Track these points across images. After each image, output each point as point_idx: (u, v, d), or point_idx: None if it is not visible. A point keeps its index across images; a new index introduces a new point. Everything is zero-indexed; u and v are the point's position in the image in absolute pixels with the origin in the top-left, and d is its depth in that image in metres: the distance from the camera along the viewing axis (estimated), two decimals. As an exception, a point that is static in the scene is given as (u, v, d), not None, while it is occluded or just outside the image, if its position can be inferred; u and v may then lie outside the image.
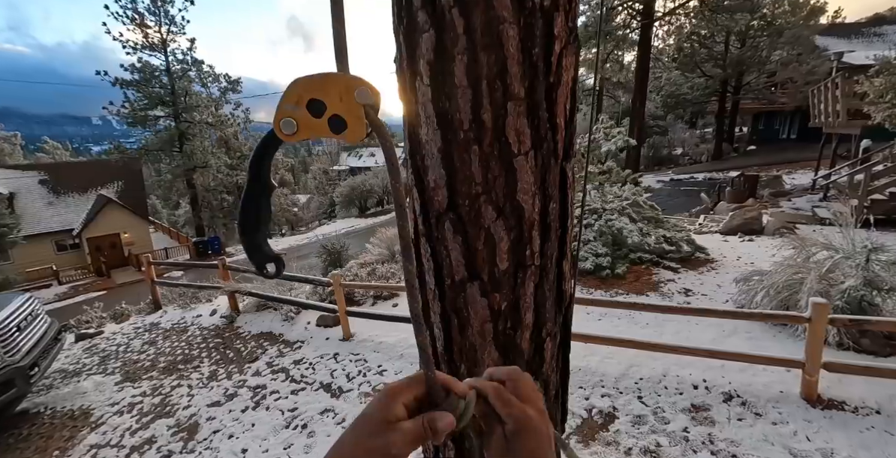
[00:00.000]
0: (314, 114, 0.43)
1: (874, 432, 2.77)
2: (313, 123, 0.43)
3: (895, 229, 7.04)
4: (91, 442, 3.81)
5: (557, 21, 0.86)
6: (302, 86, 0.43)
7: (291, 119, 0.43)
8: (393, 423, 0.41)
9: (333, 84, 0.43)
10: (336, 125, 0.44)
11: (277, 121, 0.42)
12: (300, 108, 0.43)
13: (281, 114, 0.42)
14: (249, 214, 0.47)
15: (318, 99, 0.43)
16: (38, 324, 4.72)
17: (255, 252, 0.48)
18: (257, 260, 0.48)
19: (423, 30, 0.85)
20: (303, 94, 0.43)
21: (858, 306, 3.72)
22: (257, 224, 0.47)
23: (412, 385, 0.45)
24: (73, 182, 23.19)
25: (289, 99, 0.43)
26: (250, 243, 0.47)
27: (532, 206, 0.93)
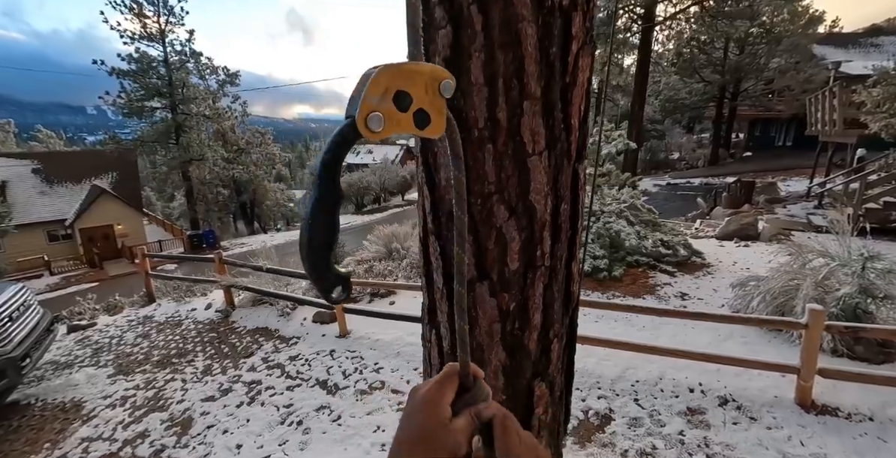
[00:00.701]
0: (400, 107, 0.39)
1: (867, 438, 2.79)
2: (399, 118, 0.39)
3: (888, 237, 7.12)
4: (82, 435, 3.77)
5: (576, 21, 0.85)
6: (389, 75, 0.38)
7: (380, 114, 0.37)
8: (448, 426, 0.43)
9: (422, 75, 0.40)
10: (420, 120, 0.41)
11: (364, 115, 0.36)
12: (386, 100, 0.38)
13: (368, 107, 0.37)
14: (320, 229, 0.38)
15: (404, 91, 0.39)
16: (31, 315, 4.67)
17: (325, 274, 0.39)
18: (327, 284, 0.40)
19: (439, 26, 0.84)
20: (390, 85, 0.38)
21: (853, 314, 3.75)
22: (330, 242, 0.39)
23: (446, 385, 0.46)
24: (66, 172, 22.96)
25: (375, 91, 0.37)
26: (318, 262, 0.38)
27: (544, 206, 0.92)
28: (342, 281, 0.40)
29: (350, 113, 0.37)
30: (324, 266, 0.39)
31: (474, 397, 0.47)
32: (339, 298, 0.41)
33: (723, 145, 26.34)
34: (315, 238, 0.38)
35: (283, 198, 32.22)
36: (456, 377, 0.47)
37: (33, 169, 22.68)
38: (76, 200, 22.12)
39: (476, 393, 0.47)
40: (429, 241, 1.02)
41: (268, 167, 30.65)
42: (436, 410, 0.43)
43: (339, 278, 0.40)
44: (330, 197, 0.37)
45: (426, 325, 1.18)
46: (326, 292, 0.40)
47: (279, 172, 34.85)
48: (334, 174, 0.37)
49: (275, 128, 35.39)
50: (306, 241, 0.38)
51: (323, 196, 0.37)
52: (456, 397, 0.46)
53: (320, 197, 0.37)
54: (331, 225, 0.38)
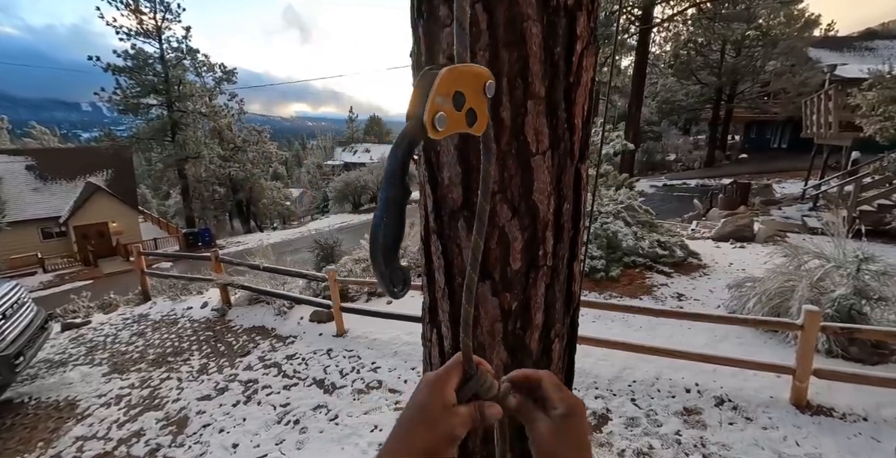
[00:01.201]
0: (456, 107, 0.41)
1: (861, 438, 2.82)
2: (456, 117, 0.41)
3: (882, 239, 7.18)
4: (77, 434, 3.74)
5: (580, 21, 0.85)
6: (452, 77, 0.39)
7: (444, 113, 0.39)
8: (450, 409, 0.46)
9: (472, 76, 0.42)
10: (470, 119, 0.42)
11: (431, 115, 0.38)
12: (448, 101, 0.40)
13: (435, 108, 0.38)
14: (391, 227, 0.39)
15: (461, 91, 0.41)
16: (24, 312, 4.63)
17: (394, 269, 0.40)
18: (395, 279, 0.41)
19: (444, 24, 0.84)
20: (451, 86, 0.39)
21: (848, 315, 3.78)
22: (397, 239, 0.40)
23: (453, 371, 0.49)
24: (60, 169, 22.74)
25: (441, 91, 0.38)
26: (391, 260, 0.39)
27: (547, 206, 0.92)
28: (405, 276, 0.42)
29: (416, 113, 0.38)
30: (394, 262, 0.40)
31: (476, 385, 0.50)
32: (400, 293, 0.42)
33: (719, 147, 26.47)
34: (387, 235, 0.39)
35: (280, 196, 32.10)
36: (459, 365, 0.49)
37: (27, 166, 22.46)
38: (70, 197, 21.93)
39: (478, 381, 0.50)
40: (430, 240, 1.02)
41: (264, 165, 30.54)
42: (439, 393, 0.46)
43: (402, 273, 0.41)
44: (400, 196, 0.39)
45: (427, 324, 1.18)
46: (392, 285, 0.41)
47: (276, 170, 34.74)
48: (404, 174, 0.39)
49: (271, 126, 35.27)
50: (380, 238, 0.39)
51: (396, 195, 0.39)
52: (460, 384, 0.49)
53: (393, 196, 0.39)
54: (400, 222, 0.40)
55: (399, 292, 0.41)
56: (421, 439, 0.44)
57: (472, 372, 0.50)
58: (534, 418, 0.48)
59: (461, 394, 0.48)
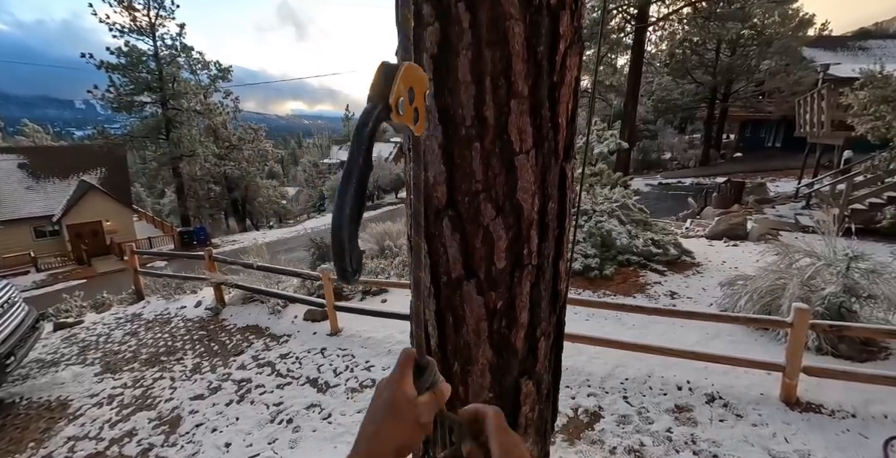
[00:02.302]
0: (409, 100, 0.44)
1: (849, 434, 2.85)
2: (408, 109, 0.44)
3: (873, 238, 7.25)
4: (68, 434, 3.72)
5: (563, 20, 0.85)
6: (410, 72, 0.43)
7: (404, 100, 0.42)
8: (413, 400, 0.50)
9: (422, 79, 0.46)
10: (414, 116, 0.46)
11: (396, 97, 0.41)
12: (406, 91, 0.43)
13: (398, 93, 0.41)
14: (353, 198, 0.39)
15: (413, 88, 0.44)
16: (15, 312, 4.59)
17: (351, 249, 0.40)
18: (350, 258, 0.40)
19: (427, 23, 0.84)
20: (408, 80, 0.43)
21: (838, 313, 3.81)
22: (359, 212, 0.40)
23: (405, 369, 0.53)
24: (54, 167, 22.53)
25: (404, 80, 0.42)
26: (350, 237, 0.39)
27: (531, 205, 0.92)
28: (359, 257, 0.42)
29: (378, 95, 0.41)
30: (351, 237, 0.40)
31: (430, 376, 0.54)
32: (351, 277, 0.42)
33: (714, 146, 26.61)
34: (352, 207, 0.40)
35: (276, 195, 31.96)
36: (412, 360, 0.54)
37: (19, 164, 22.23)
38: (64, 195, 21.73)
39: (430, 372, 0.54)
40: (417, 239, 1.02)
41: (260, 164, 30.39)
42: (400, 387, 0.50)
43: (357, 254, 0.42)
44: (364, 170, 0.40)
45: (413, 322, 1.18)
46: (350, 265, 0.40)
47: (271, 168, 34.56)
48: (369, 151, 0.41)
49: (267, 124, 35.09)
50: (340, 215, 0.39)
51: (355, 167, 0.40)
52: (415, 378, 0.53)
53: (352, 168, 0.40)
54: (362, 195, 0.41)
55: (352, 277, 0.41)
56: (393, 432, 0.48)
57: (425, 364, 0.54)
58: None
59: (419, 386, 0.52)
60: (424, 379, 0.53)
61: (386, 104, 0.41)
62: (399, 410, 0.49)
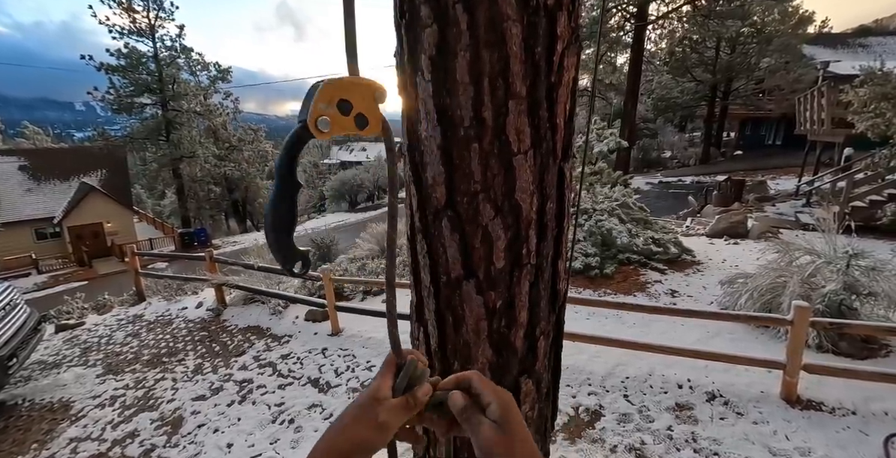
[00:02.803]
0: (343, 112, 0.48)
1: (850, 432, 2.85)
2: (342, 121, 0.48)
3: (874, 235, 7.25)
4: (71, 435, 3.73)
5: (560, 20, 0.85)
6: (334, 87, 0.47)
7: (326, 117, 0.46)
8: (381, 400, 0.50)
9: (360, 86, 0.50)
10: (360, 123, 0.50)
11: (314, 119, 0.45)
12: (332, 107, 0.47)
13: (317, 113, 0.45)
14: (282, 217, 0.47)
15: (346, 99, 0.48)
16: (17, 314, 4.60)
17: (285, 250, 0.48)
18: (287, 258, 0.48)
19: (425, 24, 0.84)
20: (334, 94, 0.47)
21: (838, 310, 3.81)
22: (291, 226, 0.48)
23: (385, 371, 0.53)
24: (54, 169, 22.56)
25: (322, 98, 0.46)
26: (281, 242, 0.48)
27: (530, 205, 0.93)
28: (302, 258, 0.49)
29: (302, 117, 0.46)
30: (286, 244, 0.48)
31: (408, 372, 0.53)
32: (300, 272, 0.50)
33: (714, 144, 26.59)
34: (277, 221, 0.47)
35: (276, 195, 31.92)
36: (392, 364, 0.54)
37: (20, 166, 22.26)
38: (64, 197, 21.75)
39: (408, 369, 0.53)
40: (416, 239, 1.03)
41: (260, 165, 30.40)
42: (373, 390, 0.51)
43: (299, 255, 0.49)
44: (289, 186, 0.47)
45: (414, 323, 1.19)
46: (287, 263, 0.48)
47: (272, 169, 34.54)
48: (292, 168, 0.47)
49: (267, 125, 35.09)
50: (270, 223, 0.47)
51: (283, 186, 0.47)
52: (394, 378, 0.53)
53: (280, 187, 0.47)
54: (291, 210, 0.47)
55: (297, 271, 0.49)
56: (352, 432, 0.48)
57: (402, 362, 0.55)
58: (476, 422, 0.50)
59: (397, 385, 0.52)
60: (400, 380, 0.53)
61: (304, 126, 0.45)
62: (363, 409, 0.49)
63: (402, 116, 0.97)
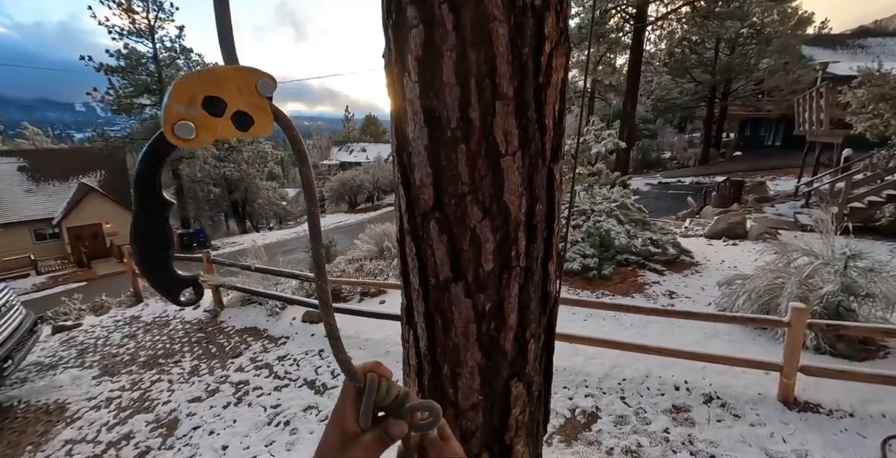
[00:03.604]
0: (213, 113, 0.39)
1: (847, 434, 2.84)
2: (214, 123, 0.39)
3: (872, 236, 7.25)
4: (66, 437, 3.72)
5: (548, 21, 0.85)
6: (193, 84, 0.38)
7: (188, 122, 0.37)
8: (353, 440, 0.44)
9: (230, 78, 0.40)
10: (241, 122, 0.41)
11: (170, 125, 0.37)
12: (194, 108, 0.38)
13: (173, 117, 0.37)
14: (151, 241, 0.39)
15: (215, 96, 0.39)
16: (13, 315, 4.59)
17: (167, 282, 0.40)
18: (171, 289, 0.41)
19: (412, 25, 0.83)
20: (196, 92, 0.38)
21: (836, 312, 3.80)
22: (165, 250, 0.40)
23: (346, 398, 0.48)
24: (53, 170, 22.55)
25: (178, 99, 0.37)
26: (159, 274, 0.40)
27: (518, 207, 0.92)
28: (189, 284, 0.41)
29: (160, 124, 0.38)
30: (163, 271, 0.40)
31: (371, 395, 0.47)
32: (189, 300, 0.42)
33: (713, 145, 26.62)
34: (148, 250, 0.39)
35: (276, 196, 31.97)
36: (352, 391, 0.48)
37: (19, 167, 22.25)
38: (63, 198, 21.75)
39: (370, 391, 0.47)
40: (405, 241, 1.02)
41: (260, 165, 30.39)
42: (338, 426, 0.45)
43: (184, 282, 0.41)
44: (153, 207, 0.38)
45: (404, 325, 1.18)
46: (173, 295, 0.41)
47: (271, 170, 34.56)
48: (153, 186, 0.38)
49: (266, 126, 34.87)
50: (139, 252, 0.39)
51: (145, 208, 0.38)
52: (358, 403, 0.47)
53: (142, 210, 0.38)
54: (162, 233, 0.39)
55: (187, 299, 0.41)
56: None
57: (361, 385, 0.48)
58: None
59: (364, 411, 0.46)
60: (364, 408, 0.47)
61: (161, 134, 0.37)
62: (332, 448, 0.44)
63: (391, 117, 0.96)
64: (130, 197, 6.64)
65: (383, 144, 44.22)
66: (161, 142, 0.37)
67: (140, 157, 0.38)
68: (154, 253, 0.39)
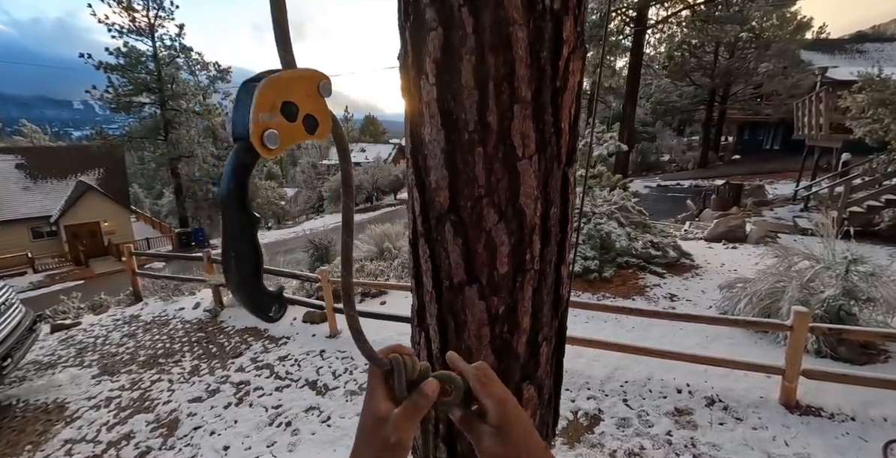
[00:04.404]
0: (289, 118, 0.38)
1: (849, 438, 2.85)
2: (291, 129, 0.38)
3: (871, 240, 7.27)
4: (65, 437, 3.70)
5: (566, 25, 0.85)
6: (272, 90, 0.37)
7: (273, 130, 0.36)
8: (384, 419, 0.46)
9: (302, 81, 0.39)
10: (310, 125, 0.40)
11: (258, 135, 0.35)
12: (276, 114, 0.37)
13: (260, 126, 0.35)
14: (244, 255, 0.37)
15: (290, 101, 0.38)
16: (12, 313, 4.56)
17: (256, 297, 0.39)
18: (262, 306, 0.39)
19: (430, 27, 0.83)
20: (275, 99, 0.37)
21: (837, 316, 3.82)
22: (257, 265, 0.38)
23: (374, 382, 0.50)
24: (51, 167, 22.48)
25: (262, 107, 0.36)
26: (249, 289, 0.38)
27: (534, 210, 0.92)
28: (276, 299, 0.41)
29: (239, 133, 0.35)
30: (255, 289, 0.38)
31: (399, 372, 0.49)
32: (276, 316, 0.42)
33: (712, 148, 26.69)
34: (242, 268, 0.37)
35: (275, 196, 31.92)
36: (378, 374, 0.51)
37: (17, 164, 22.17)
38: (61, 196, 21.67)
39: (398, 368, 0.49)
40: (418, 243, 1.02)
41: (258, 165, 30.34)
42: (369, 409, 0.48)
43: (273, 298, 0.41)
44: (243, 222, 0.36)
45: (415, 327, 1.17)
46: (265, 313, 0.40)
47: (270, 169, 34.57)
48: (244, 201, 0.36)
49: (266, 125, 34.83)
50: (233, 269, 0.37)
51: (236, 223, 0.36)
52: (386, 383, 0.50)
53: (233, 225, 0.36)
54: (253, 250, 0.37)
55: (275, 316, 0.41)
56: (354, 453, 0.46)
57: (387, 366, 0.50)
58: (477, 433, 0.48)
59: (398, 389, 0.49)
60: (398, 386, 0.49)
61: (248, 145, 0.35)
62: (369, 433, 0.47)
63: (406, 119, 0.96)
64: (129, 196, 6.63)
65: (382, 144, 44.23)
66: (248, 154, 0.35)
67: (227, 173, 0.35)
68: (248, 273, 0.37)
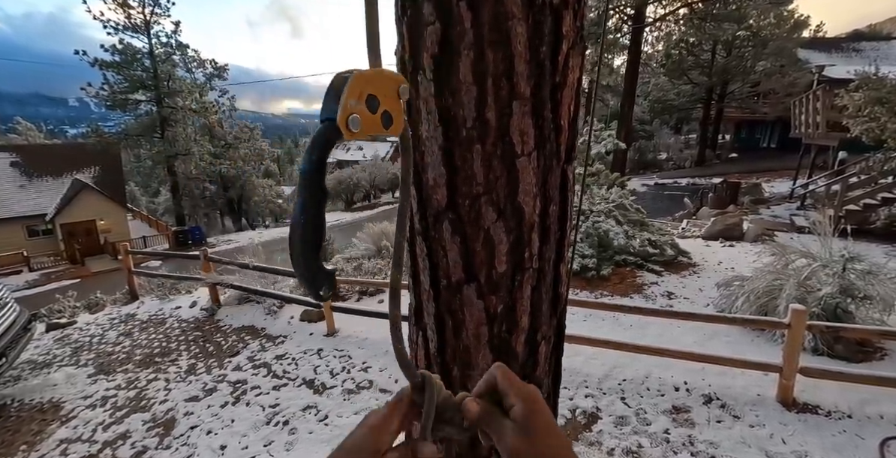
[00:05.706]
0: (371, 110, 0.42)
1: (846, 435, 2.86)
2: (370, 119, 0.42)
3: (867, 238, 7.30)
4: (61, 437, 3.68)
5: (566, 20, 0.83)
6: (362, 82, 0.41)
7: (357, 115, 0.41)
8: (380, 456, 0.41)
9: (387, 80, 0.44)
10: (386, 121, 0.44)
11: (345, 117, 0.39)
12: (360, 103, 0.41)
13: (348, 110, 0.40)
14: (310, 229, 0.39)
15: (374, 95, 0.42)
16: (6, 313, 4.53)
17: (314, 271, 0.40)
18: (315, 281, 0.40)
19: (428, 22, 0.82)
20: (363, 90, 0.41)
21: (834, 314, 3.83)
22: (320, 239, 0.40)
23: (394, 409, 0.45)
24: (47, 165, 22.33)
25: (353, 94, 0.40)
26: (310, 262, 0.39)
27: (533, 208, 0.91)
28: (329, 278, 0.41)
29: (328, 115, 0.40)
30: (315, 265, 0.40)
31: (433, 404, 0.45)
32: (326, 295, 0.42)
33: (709, 146, 26.75)
34: (306, 237, 0.39)
35: (272, 194, 31.82)
36: (406, 400, 0.46)
37: (12, 162, 22.02)
38: (57, 194, 21.53)
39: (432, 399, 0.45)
40: (416, 241, 1.00)
41: (256, 163, 30.21)
42: (369, 439, 0.42)
43: (327, 276, 0.41)
44: (318, 197, 0.40)
45: (413, 326, 1.16)
46: (317, 289, 0.41)
47: (267, 167, 34.36)
48: (321, 175, 0.40)
49: (263, 123, 34.89)
50: (298, 239, 0.39)
51: (312, 197, 0.39)
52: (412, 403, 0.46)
53: (310, 198, 0.39)
54: (319, 224, 0.40)
55: (324, 295, 0.41)
56: None
57: (418, 378, 0.47)
58: (499, 427, 0.44)
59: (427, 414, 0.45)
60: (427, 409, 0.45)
61: (334, 124, 0.40)
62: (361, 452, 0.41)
63: (403, 115, 0.95)
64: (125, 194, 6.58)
65: (380, 142, 44.11)
66: (333, 132, 0.40)
67: (312, 146, 0.39)
68: (311, 245, 0.40)
